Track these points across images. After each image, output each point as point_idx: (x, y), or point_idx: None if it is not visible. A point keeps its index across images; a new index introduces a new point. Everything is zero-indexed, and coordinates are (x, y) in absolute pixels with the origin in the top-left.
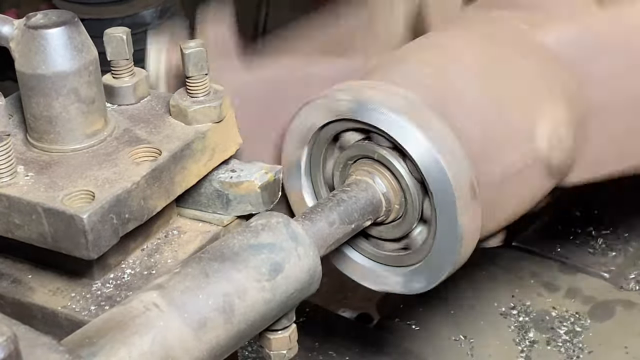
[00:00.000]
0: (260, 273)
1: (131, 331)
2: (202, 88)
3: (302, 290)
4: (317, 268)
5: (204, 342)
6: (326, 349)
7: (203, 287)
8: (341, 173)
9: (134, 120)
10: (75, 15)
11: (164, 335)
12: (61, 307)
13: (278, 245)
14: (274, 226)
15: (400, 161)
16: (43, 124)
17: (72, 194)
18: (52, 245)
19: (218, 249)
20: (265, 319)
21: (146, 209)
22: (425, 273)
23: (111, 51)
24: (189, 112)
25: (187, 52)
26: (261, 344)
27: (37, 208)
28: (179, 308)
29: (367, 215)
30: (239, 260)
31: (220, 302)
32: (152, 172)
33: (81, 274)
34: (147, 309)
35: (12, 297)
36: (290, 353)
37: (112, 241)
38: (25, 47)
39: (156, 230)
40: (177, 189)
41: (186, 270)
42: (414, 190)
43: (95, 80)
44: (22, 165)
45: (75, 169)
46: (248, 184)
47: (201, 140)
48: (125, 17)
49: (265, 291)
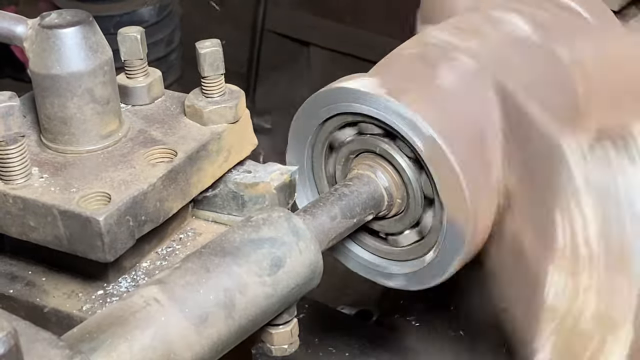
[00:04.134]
0: (262, 268)
1: (132, 326)
2: (217, 88)
3: (304, 285)
4: (319, 263)
5: (205, 337)
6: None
7: (204, 282)
8: (343, 167)
9: (149, 120)
10: (90, 14)
11: (165, 330)
12: (76, 310)
13: (279, 240)
14: (275, 220)
15: (402, 155)
16: (57, 125)
17: (87, 196)
18: (67, 247)
19: (219, 243)
20: (266, 314)
21: (162, 210)
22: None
23: (125, 51)
24: (204, 113)
25: (203, 52)
26: (262, 338)
27: (53, 210)
28: (180, 303)
29: (369, 209)
30: (240, 254)
31: (221, 296)
32: (168, 173)
33: (96, 277)
34: (147, 303)
35: (26, 300)
36: (291, 347)
37: (129, 243)
38: (39, 47)
39: (171, 232)
40: (193, 191)
41: (187, 265)
42: (415, 185)
43: (110, 80)
44: (37, 166)
45: (90, 171)
46: (264, 185)
47: (217, 141)
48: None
49: (266, 286)
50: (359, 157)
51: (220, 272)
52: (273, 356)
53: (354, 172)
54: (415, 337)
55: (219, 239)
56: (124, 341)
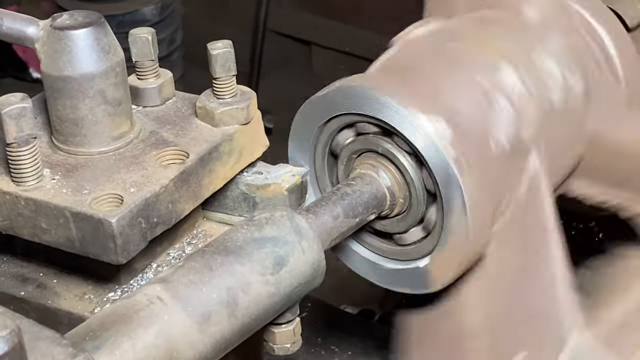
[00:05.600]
0: (264, 266)
1: (135, 324)
2: (229, 89)
3: (306, 284)
4: (321, 262)
5: (208, 336)
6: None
7: (207, 281)
8: (345, 167)
9: (160, 122)
10: (102, 16)
11: (168, 329)
12: (88, 312)
13: (282, 239)
14: (278, 220)
15: (405, 154)
16: (69, 127)
17: (100, 198)
18: (79, 249)
19: (222, 242)
20: (269, 313)
21: (174, 212)
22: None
23: (136, 52)
24: (216, 114)
25: (214, 52)
26: (265, 337)
27: (65, 212)
28: (183, 301)
29: (371, 209)
30: (242, 253)
31: (224, 295)
32: (180, 175)
33: (107, 279)
34: (151, 302)
35: (38, 302)
36: (294, 347)
37: (141, 245)
38: (51, 48)
39: (182, 234)
40: (205, 192)
41: (190, 264)
42: (418, 184)
43: (121, 81)
44: (48, 168)
45: (102, 172)
46: (275, 186)
47: (228, 142)
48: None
49: (269, 285)
50: (361, 156)
51: (223, 271)
52: (275, 355)
53: (357, 171)
54: None
55: (221, 238)
56: (127, 339)
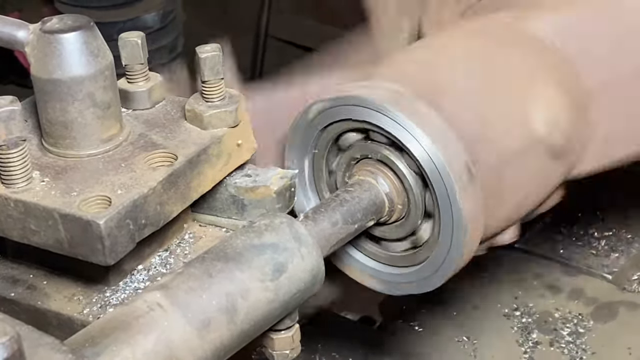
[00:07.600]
0: (264, 273)
1: (135, 331)
2: (217, 92)
3: (305, 291)
4: (320, 268)
5: (208, 342)
6: (329, 351)
7: (206, 287)
8: (344, 173)
9: (149, 125)
10: (91, 19)
11: (168, 335)
12: (77, 313)
13: (281, 246)
14: (277, 226)
15: (402, 161)
16: (59, 129)
17: (88, 200)
18: (68, 251)
19: (221, 249)
20: (268, 319)
21: (162, 214)
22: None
23: (126, 56)
24: (204, 117)
25: (203, 56)
26: (264, 344)
27: (54, 214)
28: (183, 308)
29: (370, 215)
30: (242, 260)
31: (223, 302)
32: (168, 177)
33: (97, 280)
34: (150, 308)
35: (27, 303)
36: (293, 353)
37: (129, 247)
38: (40, 51)
39: (171, 235)
40: (193, 194)
41: (189, 271)
42: (416, 190)
43: (111, 84)
44: (38, 170)
45: (91, 174)
46: (264, 189)
47: (217, 145)
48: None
49: (268, 291)
50: (360, 162)
51: (222, 278)
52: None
53: (355, 178)
54: (418, 343)
55: (221, 245)
56: (127, 346)
